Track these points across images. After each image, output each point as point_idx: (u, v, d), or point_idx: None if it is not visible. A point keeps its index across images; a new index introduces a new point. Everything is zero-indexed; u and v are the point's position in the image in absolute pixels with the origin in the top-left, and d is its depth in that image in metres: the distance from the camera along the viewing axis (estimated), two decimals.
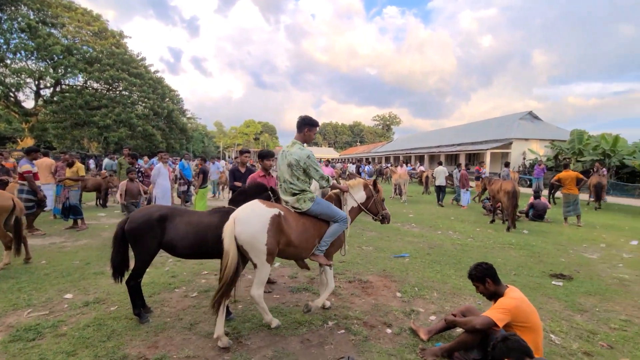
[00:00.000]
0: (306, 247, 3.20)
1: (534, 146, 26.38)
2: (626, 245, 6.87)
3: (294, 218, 3.15)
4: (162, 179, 7.61)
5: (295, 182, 3.24)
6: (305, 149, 3.28)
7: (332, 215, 3.30)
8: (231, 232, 2.92)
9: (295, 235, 3.08)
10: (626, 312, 3.76)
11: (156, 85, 34.10)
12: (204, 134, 71.99)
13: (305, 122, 3.40)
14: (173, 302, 3.81)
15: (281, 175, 3.35)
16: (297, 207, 3.25)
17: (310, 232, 3.21)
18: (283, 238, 3.02)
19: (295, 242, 3.09)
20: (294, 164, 3.21)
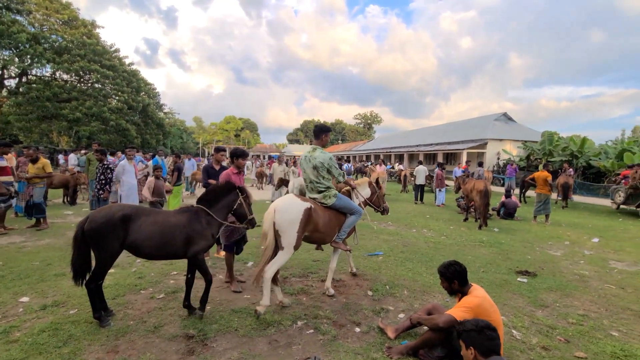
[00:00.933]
0: (329, 234, 3.82)
1: (508, 147, 27.34)
2: (588, 242, 7.22)
3: (321, 210, 3.73)
4: (127, 176, 7.30)
5: (321, 181, 3.82)
6: (326, 152, 3.84)
7: (351, 209, 3.94)
8: (271, 219, 3.44)
9: (322, 225, 3.67)
10: (584, 307, 3.94)
11: (131, 78, 32.80)
12: (183, 129, 70.18)
13: (323, 130, 3.99)
14: (138, 305, 3.67)
15: (307, 177, 3.89)
16: (323, 202, 3.82)
17: (333, 222, 3.82)
18: (312, 226, 3.59)
19: (322, 230, 3.70)
20: (319, 166, 3.79)
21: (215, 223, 3.44)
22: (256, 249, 5.89)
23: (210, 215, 3.40)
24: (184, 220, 3.28)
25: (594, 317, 3.67)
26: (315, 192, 3.86)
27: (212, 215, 3.41)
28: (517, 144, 27.08)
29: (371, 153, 46.97)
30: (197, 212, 3.40)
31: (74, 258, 3.11)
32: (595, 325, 3.47)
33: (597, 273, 5.19)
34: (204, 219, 3.36)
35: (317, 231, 3.67)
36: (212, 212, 3.42)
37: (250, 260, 5.27)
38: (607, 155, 19.43)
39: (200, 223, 3.32)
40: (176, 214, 3.37)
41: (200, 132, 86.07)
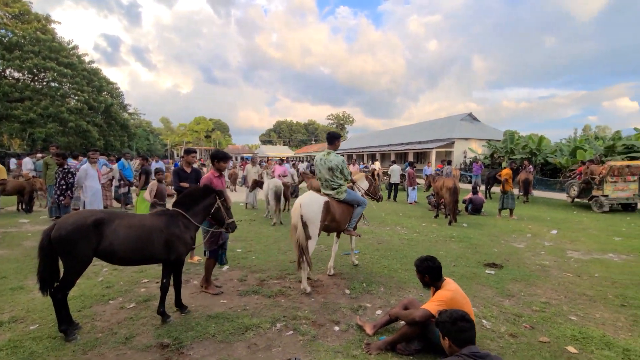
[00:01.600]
0: (343, 223, 4.54)
1: (473, 145, 28.67)
2: (547, 234, 7.73)
3: (335, 203, 4.41)
4: (90, 181, 6.92)
5: (335, 180, 4.48)
6: (339, 156, 4.51)
7: (358, 201, 4.69)
8: (299, 212, 4.08)
9: (337, 215, 4.39)
10: (546, 295, 4.22)
11: (91, 77, 30.98)
12: (149, 130, 67.28)
13: (335, 137, 4.68)
14: (106, 315, 3.49)
15: (322, 176, 4.54)
16: (336, 197, 4.48)
17: (345, 213, 4.54)
18: (330, 217, 4.29)
19: (337, 220, 4.41)
20: (334, 167, 4.44)
21: (193, 226, 3.39)
22: (231, 252, 5.78)
23: (187, 219, 3.34)
24: (161, 223, 3.20)
25: (555, 303, 3.94)
26: (330, 189, 4.53)
27: (189, 218, 3.34)
28: (481, 143, 28.46)
29: (344, 153, 47.46)
30: (173, 216, 3.32)
31: (40, 268, 2.93)
32: (556, 311, 3.72)
33: (556, 262, 5.56)
34: (181, 223, 3.30)
35: (334, 221, 4.39)
36: (189, 215, 3.35)
37: (225, 264, 5.16)
38: (562, 152, 20.87)
39: (178, 226, 3.27)
40: (152, 217, 3.28)
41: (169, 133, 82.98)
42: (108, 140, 32.83)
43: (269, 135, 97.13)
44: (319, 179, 4.62)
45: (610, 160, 14.34)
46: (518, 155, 22.10)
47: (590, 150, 18.20)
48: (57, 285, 2.96)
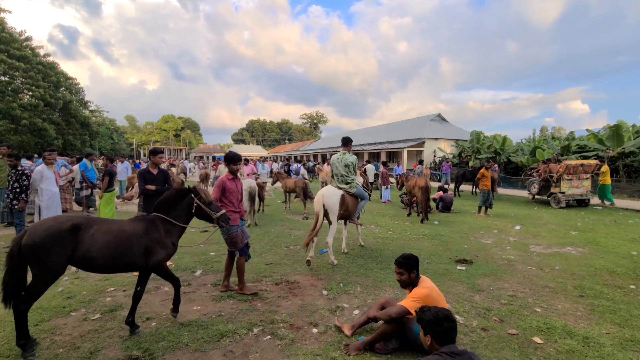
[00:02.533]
0: (351, 213, 5.54)
1: (443, 145, 29.74)
2: (512, 230, 8.15)
3: (347, 196, 5.38)
4: (46, 183, 6.41)
5: (349, 175, 5.47)
6: (353, 155, 5.58)
7: (362, 195, 5.76)
8: (321, 202, 5.15)
9: (350, 206, 5.39)
10: (512, 288, 4.43)
11: (48, 71, 28.82)
12: (113, 129, 63.83)
13: (349, 140, 5.67)
14: (68, 329, 3.24)
15: (338, 172, 5.52)
16: (348, 190, 5.44)
17: (353, 204, 5.54)
18: (344, 207, 5.30)
19: (349, 210, 5.41)
20: (350, 164, 5.47)
21: (176, 230, 3.31)
22: (204, 256, 5.59)
23: (169, 223, 3.26)
24: (141, 229, 3.12)
25: (521, 296, 4.15)
26: (344, 183, 5.47)
27: (173, 221, 3.28)
28: (450, 142, 29.59)
29: (318, 152, 47.57)
30: (153, 221, 3.23)
31: (6, 278, 2.74)
32: (522, 303, 3.92)
33: (521, 257, 5.87)
34: (162, 228, 3.22)
35: (347, 211, 5.36)
36: (170, 218, 3.27)
37: (198, 269, 4.98)
38: (523, 152, 22.13)
39: (158, 232, 3.18)
40: (131, 223, 3.18)
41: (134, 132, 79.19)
42: (67, 139, 30.74)
43: (242, 134, 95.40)
44: (335, 175, 5.56)
45: (566, 159, 15.38)
46: (484, 154, 23.19)
47: (548, 149, 19.44)
48: (23, 296, 2.77)
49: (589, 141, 18.41)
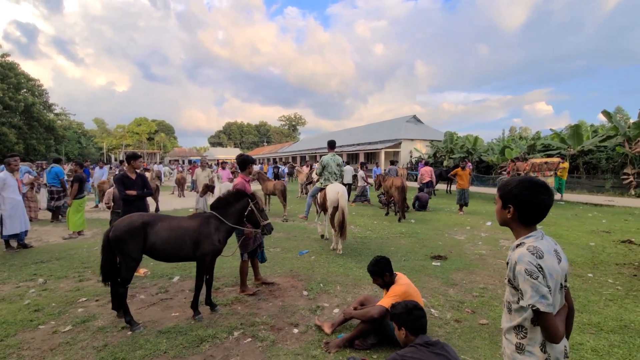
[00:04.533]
0: None
1: (419, 145, 30.54)
2: (483, 226, 8.52)
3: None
4: (9, 192, 6.09)
5: (339, 173, 6.57)
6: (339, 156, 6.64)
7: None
8: (345, 198, 5.93)
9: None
10: (484, 281, 4.65)
11: (7, 72, 27.22)
12: (81, 133, 60.90)
13: (335, 143, 6.83)
14: (36, 343, 3.10)
15: (332, 170, 6.47)
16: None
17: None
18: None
19: None
20: (341, 163, 6.61)
21: (224, 228, 3.58)
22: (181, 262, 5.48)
23: (220, 220, 3.55)
24: (195, 225, 3.48)
25: (492, 288, 4.37)
26: (335, 179, 6.48)
27: (224, 220, 3.55)
28: (425, 143, 30.44)
29: (297, 154, 47.55)
30: (208, 218, 3.57)
31: (103, 263, 3.41)
32: (492, 295, 4.13)
33: (492, 251, 6.16)
34: (213, 224, 3.53)
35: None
36: (223, 217, 3.56)
37: (176, 275, 4.89)
38: (493, 151, 23.16)
39: (208, 227, 3.50)
40: (188, 220, 3.56)
41: (104, 135, 75.95)
42: (30, 143, 29.09)
43: (219, 137, 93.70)
44: (330, 173, 6.46)
45: (532, 157, 16.23)
46: (457, 154, 24.04)
47: (516, 149, 20.44)
48: (119, 281, 3.36)
49: (553, 140, 19.54)
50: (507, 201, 1.49)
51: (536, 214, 1.45)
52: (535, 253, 1.36)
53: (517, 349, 1.46)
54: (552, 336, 1.35)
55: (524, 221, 1.48)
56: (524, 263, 1.35)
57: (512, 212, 1.48)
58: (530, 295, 1.32)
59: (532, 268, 1.34)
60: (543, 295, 1.31)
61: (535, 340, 1.41)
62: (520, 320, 1.44)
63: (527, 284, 1.34)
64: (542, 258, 1.36)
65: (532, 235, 1.45)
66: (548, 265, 1.35)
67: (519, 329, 1.45)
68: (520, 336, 1.45)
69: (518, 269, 1.37)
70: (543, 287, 1.32)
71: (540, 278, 1.32)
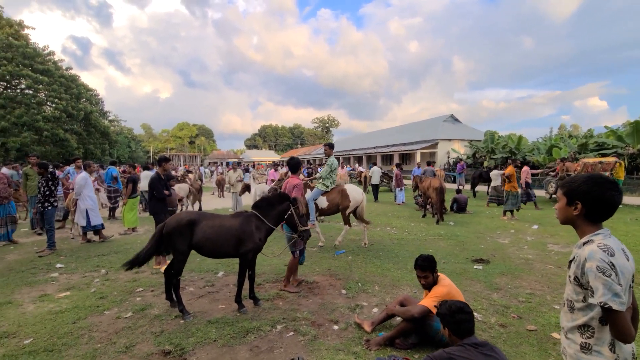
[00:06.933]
0: None
1: (456, 146, 29.44)
2: (529, 229, 8.06)
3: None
4: (90, 190, 6.96)
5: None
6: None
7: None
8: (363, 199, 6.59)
9: None
10: (530, 286, 4.43)
11: (69, 83, 29.99)
12: (130, 137, 65.65)
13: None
14: (103, 326, 3.45)
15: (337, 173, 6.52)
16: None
17: None
18: None
19: None
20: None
21: (264, 228, 3.74)
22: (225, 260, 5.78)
23: (260, 220, 3.70)
24: (236, 223, 3.64)
25: (539, 294, 4.16)
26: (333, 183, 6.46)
27: (264, 220, 3.70)
28: (464, 143, 29.26)
29: None
30: (249, 217, 3.73)
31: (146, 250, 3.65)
32: (540, 301, 3.93)
33: (539, 256, 5.83)
34: (254, 223, 3.69)
35: None
36: (263, 217, 3.72)
37: (220, 270, 5.17)
38: (539, 151, 21.71)
39: (249, 226, 3.66)
40: (230, 218, 3.74)
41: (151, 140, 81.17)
42: (88, 148, 31.80)
43: (254, 139, 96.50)
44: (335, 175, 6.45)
45: (583, 157, 15.04)
46: (499, 154, 22.85)
47: (565, 148, 19.03)
48: (172, 272, 3.63)
49: (608, 138, 17.95)
50: (574, 198, 1.46)
51: (605, 211, 1.42)
52: (606, 250, 1.34)
53: (582, 348, 1.42)
54: (623, 335, 1.31)
55: (591, 218, 1.45)
56: (596, 260, 1.33)
57: (579, 209, 1.45)
58: (602, 293, 1.29)
59: (605, 265, 1.31)
60: (616, 293, 1.28)
61: (603, 340, 1.38)
62: (585, 319, 1.40)
63: (599, 281, 1.31)
64: (614, 256, 1.33)
65: (601, 233, 1.43)
66: (620, 264, 1.32)
67: (584, 329, 1.42)
68: (586, 336, 1.41)
69: (589, 266, 1.34)
70: (616, 285, 1.29)
71: (613, 276, 1.29)
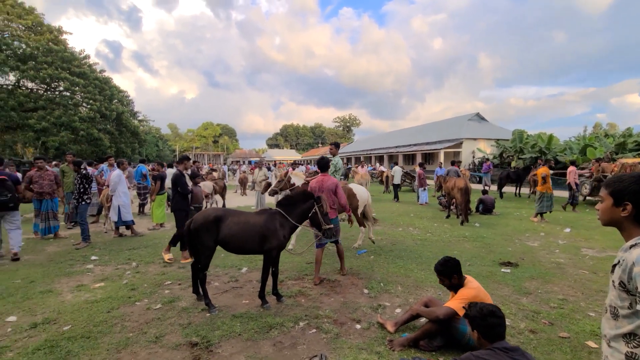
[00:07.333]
0: None
1: (482, 145, 28.50)
2: (561, 232, 7.69)
3: None
4: (123, 186, 7.31)
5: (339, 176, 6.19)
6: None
7: None
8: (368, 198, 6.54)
9: None
10: (563, 292, 4.23)
11: (103, 85, 31.53)
12: (158, 137, 68.16)
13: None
14: (134, 316, 3.62)
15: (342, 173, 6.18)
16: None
17: None
18: None
19: None
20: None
21: (289, 225, 3.79)
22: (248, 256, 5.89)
23: (284, 217, 3.75)
24: (261, 220, 3.70)
25: (573, 300, 3.96)
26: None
27: (288, 218, 3.75)
28: (490, 142, 28.28)
29: (352, 155, 47.53)
30: (273, 214, 3.79)
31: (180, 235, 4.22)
32: (574, 307, 3.75)
33: (572, 260, 5.56)
34: (278, 221, 3.74)
35: None
36: (287, 215, 3.77)
37: (244, 266, 5.28)
38: (572, 150, 20.63)
39: (274, 223, 3.71)
40: (255, 215, 3.81)
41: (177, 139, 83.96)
42: (119, 147, 33.36)
43: (276, 139, 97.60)
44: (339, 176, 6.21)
45: (621, 157, 14.16)
46: (527, 154, 21.92)
47: (600, 147, 17.98)
48: (198, 267, 3.77)
49: None
50: (623, 198, 1.39)
51: None
52: None
53: (628, 358, 1.34)
54: None
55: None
56: None
57: (629, 210, 1.38)
58: None
59: None
60: None
61: None
62: (632, 327, 1.32)
63: None
64: None
65: None
66: None
67: (629, 337, 1.34)
68: (632, 345, 1.33)
69: (637, 271, 1.27)
70: None
71: None
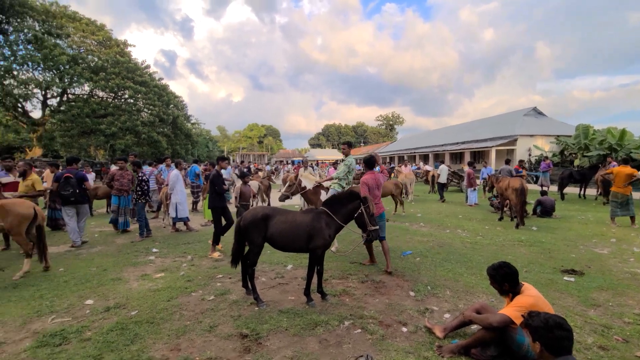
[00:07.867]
0: None
1: (539, 142, 26.22)
2: (637, 239, 6.83)
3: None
4: (180, 185, 7.87)
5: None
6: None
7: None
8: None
9: None
10: (639, 306, 3.77)
11: (161, 92, 34.35)
12: (208, 138, 72.44)
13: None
14: (191, 306, 3.89)
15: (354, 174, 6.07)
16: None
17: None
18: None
19: None
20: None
21: (334, 225, 3.82)
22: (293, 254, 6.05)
23: (330, 217, 3.80)
24: (308, 219, 3.77)
25: None
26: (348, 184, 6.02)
27: (334, 217, 3.79)
28: (549, 139, 25.92)
29: (395, 154, 46.42)
30: (319, 214, 3.85)
31: (235, 247, 4.01)
32: None
33: None
34: (324, 220, 3.79)
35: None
36: (334, 215, 3.81)
37: (289, 263, 5.43)
38: None
39: (320, 222, 3.76)
40: (302, 214, 3.89)
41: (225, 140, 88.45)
42: (175, 148, 36.08)
43: (318, 139, 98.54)
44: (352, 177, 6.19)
45: None
46: (594, 151, 19.75)
47: None
48: (247, 262, 3.91)
49: None
50: None
51: None
52: None
53: None
54: None
55: None
56: None
57: None
58: None
59: None
60: None
61: None
62: None
63: None
64: None
65: None
66: None
67: None
68: None
69: None
70: None
71: None
